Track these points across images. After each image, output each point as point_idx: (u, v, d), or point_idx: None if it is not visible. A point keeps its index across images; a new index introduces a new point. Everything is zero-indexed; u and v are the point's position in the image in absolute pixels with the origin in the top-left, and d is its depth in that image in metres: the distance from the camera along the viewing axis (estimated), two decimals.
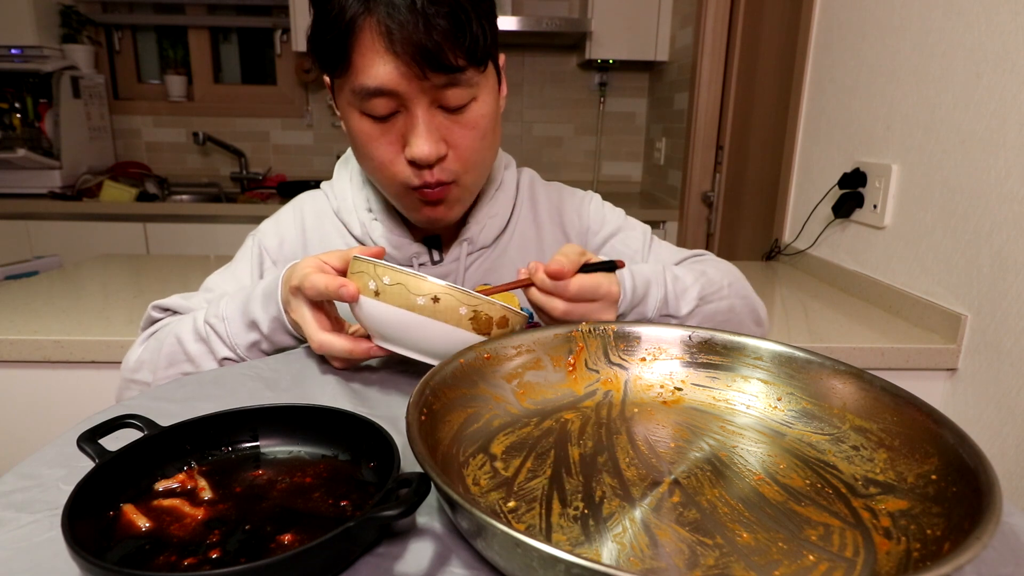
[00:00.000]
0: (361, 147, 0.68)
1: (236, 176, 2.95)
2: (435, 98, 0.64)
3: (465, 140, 0.68)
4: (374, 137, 0.66)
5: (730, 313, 0.77)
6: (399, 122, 0.65)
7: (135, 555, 0.35)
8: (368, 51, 0.61)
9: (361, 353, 0.59)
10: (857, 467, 0.45)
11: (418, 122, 0.64)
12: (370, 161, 0.69)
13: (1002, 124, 1.03)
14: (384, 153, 0.67)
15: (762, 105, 2.01)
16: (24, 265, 1.76)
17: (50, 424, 1.14)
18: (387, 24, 0.60)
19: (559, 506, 0.40)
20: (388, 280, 0.53)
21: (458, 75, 0.63)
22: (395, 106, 0.64)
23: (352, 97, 0.65)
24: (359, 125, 0.66)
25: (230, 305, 0.68)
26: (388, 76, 0.62)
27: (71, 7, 2.69)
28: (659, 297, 0.70)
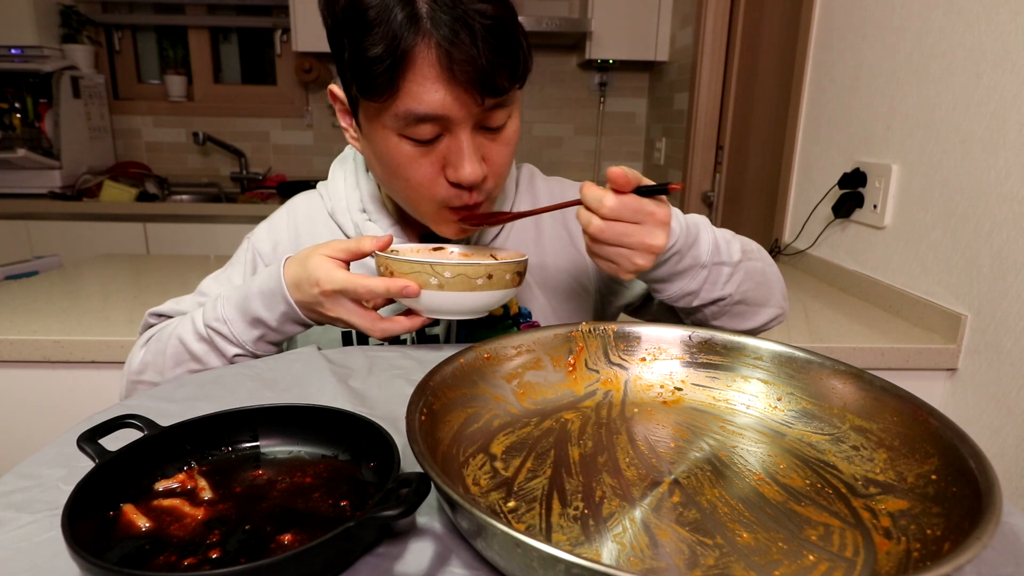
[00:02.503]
0: (396, 168, 0.66)
1: (236, 176, 2.95)
2: (479, 120, 0.64)
3: (500, 157, 0.67)
4: (414, 159, 0.65)
5: (763, 276, 0.75)
6: (441, 144, 0.64)
7: (135, 555, 0.35)
8: (422, 78, 0.59)
9: (418, 326, 0.65)
10: (857, 467, 0.45)
11: (464, 146, 0.63)
12: (405, 181, 0.67)
13: (1002, 124, 1.03)
14: (424, 174, 0.65)
15: (762, 105, 2.01)
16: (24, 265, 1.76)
17: (50, 424, 1.14)
18: (447, 50, 0.58)
19: (559, 506, 0.40)
20: (449, 274, 0.60)
21: (505, 97, 0.63)
22: (440, 130, 0.63)
23: (392, 121, 0.62)
24: (398, 147, 0.64)
25: (227, 307, 0.68)
26: (441, 103, 0.60)
27: (71, 7, 2.68)
28: (711, 240, 0.69)
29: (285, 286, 0.65)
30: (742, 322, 0.75)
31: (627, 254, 0.59)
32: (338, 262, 0.63)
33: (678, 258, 0.68)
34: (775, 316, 0.78)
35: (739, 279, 0.71)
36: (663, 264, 0.67)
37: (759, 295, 0.74)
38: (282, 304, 0.66)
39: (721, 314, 0.72)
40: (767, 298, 0.76)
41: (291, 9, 2.47)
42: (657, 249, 0.59)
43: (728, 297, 0.70)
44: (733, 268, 0.71)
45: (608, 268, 0.61)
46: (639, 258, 0.59)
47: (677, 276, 0.69)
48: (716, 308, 0.71)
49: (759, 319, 0.76)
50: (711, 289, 0.70)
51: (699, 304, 0.70)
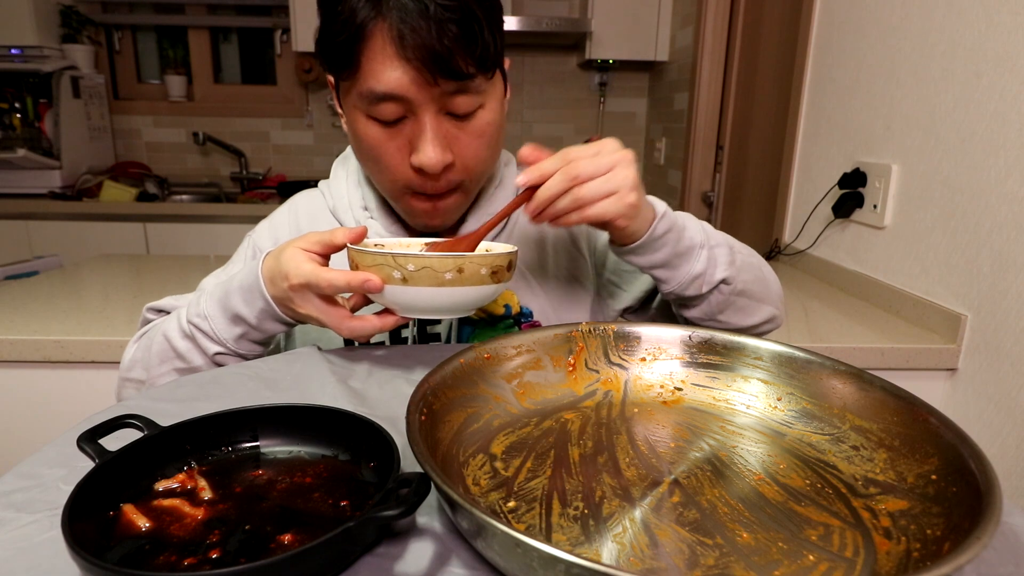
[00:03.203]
0: (366, 150, 0.68)
1: (236, 176, 2.95)
2: (443, 105, 0.64)
3: (471, 148, 0.67)
4: (381, 141, 0.66)
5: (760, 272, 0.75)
6: (406, 127, 0.65)
7: (135, 555, 0.35)
8: (378, 56, 0.61)
9: (390, 326, 0.61)
10: (857, 467, 0.45)
11: (426, 129, 0.64)
12: (374, 164, 0.69)
13: (1002, 124, 1.03)
14: (390, 158, 0.67)
15: (762, 105, 2.01)
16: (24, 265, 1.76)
17: (50, 424, 1.14)
18: (399, 29, 0.59)
19: (559, 506, 0.40)
20: (413, 267, 0.55)
21: (467, 82, 0.63)
22: (403, 111, 0.64)
23: (359, 101, 0.64)
24: (365, 128, 0.66)
25: (210, 303, 0.67)
26: (398, 82, 0.61)
27: (71, 7, 2.69)
28: (696, 224, 0.70)
29: (262, 281, 0.63)
30: (744, 317, 0.74)
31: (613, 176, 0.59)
32: (311, 255, 0.60)
33: (676, 235, 0.67)
34: (773, 316, 0.77)
35: (739, 264, 0.71)
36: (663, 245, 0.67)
37: (759, 289, 0.74)
38: (260, 300, 0.63)
39: (726, 306, 0.71)
40: (765, 293, 0.76)
41: (291, 9, 2.47)
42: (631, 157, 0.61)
43: (732, 280, 0.70)
44: (729, 249, 0.71)
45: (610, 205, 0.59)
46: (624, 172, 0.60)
47: (680, 259, 0.68)
48: (722, 297, 0.70)
49: (759, 315, 0.76)
50: (715, 269, 0.69)
51: (708, 290, 0.69)
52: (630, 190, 0.60)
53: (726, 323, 0.74)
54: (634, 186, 0.60)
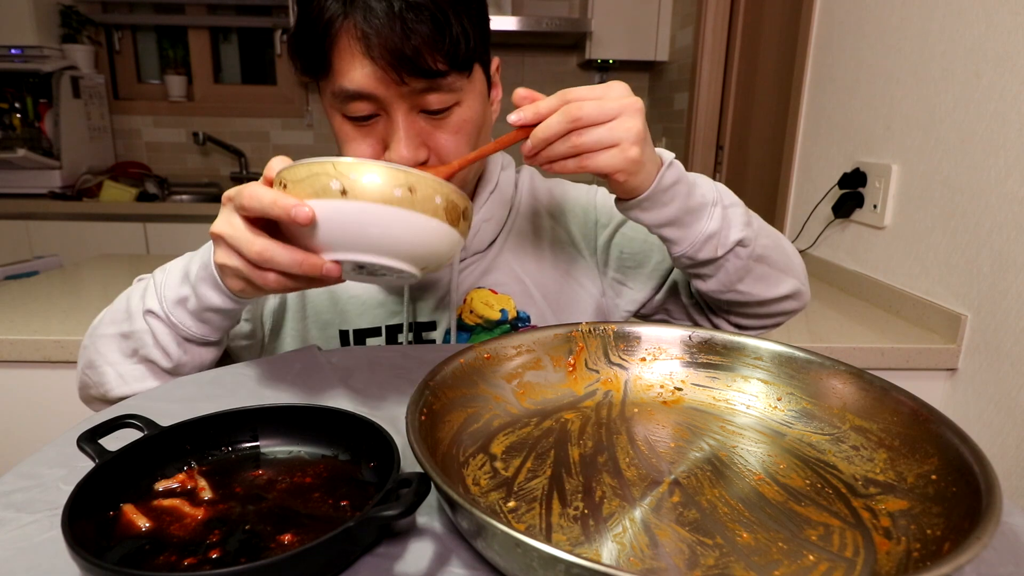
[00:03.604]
0: (342, 148, 0.68)
1: (236, 176, 2.95)
2: (415, 103, 0.63)
3: (448, 145, 0.66)
4: (354, 139, 0.66)
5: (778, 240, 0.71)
6: (379, 125, 0.65)
7: (135, 555, 0.35)
8: (346, 55, 0.61)
9: (311, 268, 0.48)
10: (857, 467, 0.45)
11: (397, 127, 0.63)
12: None
13: (1002, 124, 1.03)
14: (364, 155, 0.66)
15: (762, 105, 2.01)
16: (24, 265, 1.76)
17: (50, 424, 1.14)
18: (363, 29, 0.59)
19: (559, 506, 0.40)
20: (355, 175, 0.45)
21: (439, 80, 0.62)
22: (374, 109, 0.64)
23: (332, 100, 0.65)
24: (340, 127, 0.66)
25: (182, 258, 0.65)
26: (366, 80, 0.61)
27: (71, 7, 2.68)
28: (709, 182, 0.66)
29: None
30: (766, 288, 0.70)
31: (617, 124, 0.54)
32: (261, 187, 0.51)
33: (686, 188, 0.63)
34: (797, 290, 0.73)
35: (756, 226, 0.67)
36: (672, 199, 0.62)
37: (779, 257, 0.70)
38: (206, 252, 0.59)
39: (744, 273, 0.67)
40: (787, 263, 0.72)
41: (291, 9, 2.47)
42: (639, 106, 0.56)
43: (749, 243, 0.65)
44: (745, 210, 0.68)
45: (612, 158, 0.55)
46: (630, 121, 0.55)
47: (692, 216, 0.64)
48: (740, 263, 0.66)
49: (783, 286, 0.71)
50: (729, 229, 0.65)
51: (723, 252, 0.65)
52: (632, 143, 0.55)
53: (747, 295, 0.69)
54: (638, 139, 0.55)
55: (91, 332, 0.69)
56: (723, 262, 0.66)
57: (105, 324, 0.67)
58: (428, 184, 0.46)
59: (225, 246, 0.51)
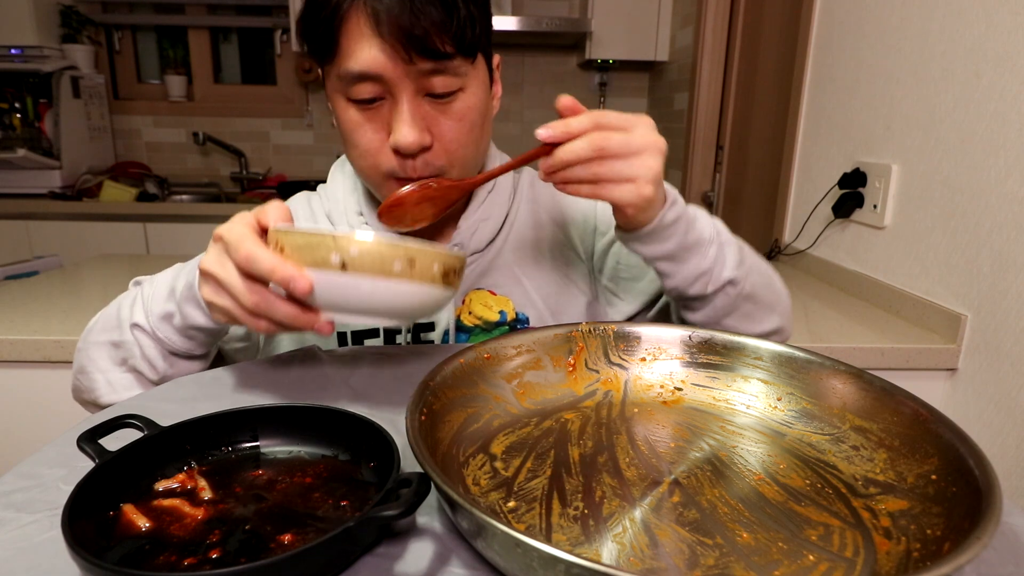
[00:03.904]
0: (347, 134, 0.68)
1: (236, 176, 2.95)
2: (421, 86, 0.64)
3: (451, 132, 0.66)
4: (359, 124, 0.66)
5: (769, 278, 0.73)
6: (384, 109, 0.65)
7: (135, 555, 0.35)
8: (355, 34, 0.61)
9: (305, 323, 0.49)
10: (857, 467, 0.45)
11: (403, 109, 0.63)
12: (354, 149, 0.68)
13: (1002, 124, 1.03)
14: (369, 141, 0.66)
15: (762, 105, 2.01)
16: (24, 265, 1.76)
17: (50, 424, 1.14)
18: (374, 7, 0.60)
19: (559, 506, 0.40)
20: (356, 251, 0.46)
21: (445, 62, 0.62)
22: (380, 91, 0.64)
23: (338, 83, 0.65)
24: (344, 111, 0.66)
25: (170, 271, 0.65)
26: (374, 60, 0.61)
27: (71, 7, 2.69)
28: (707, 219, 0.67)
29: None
30: (749, 324, 0.72)
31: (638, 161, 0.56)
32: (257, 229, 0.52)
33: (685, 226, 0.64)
34: (780, 327, 0.75)
35: (748, 265, 0.69)
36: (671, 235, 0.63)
37: (767, 296, 0.72)
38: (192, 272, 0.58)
39: (731, 310, 0.69)
40: (774, 301, 0.73)
41: (291, 9, 2.47)
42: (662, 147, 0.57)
43: (739, 282, 0.67)
44: (739, 249, 0.69)
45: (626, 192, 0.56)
46: (651, 160, 0.56)
47: (688, 252, 0.65)
48: (728, 300, 0.67)
49: (765, 324, 0.73)
50: (722, 268, 0.66)
51: (713, 290, 0.66)
52: (649, 181, 0.56)
53: (731, 328, 0.71)
54: (655, 178, 0.57)
55: (85, 336, 0.69)
56: (712, 298, 0.67)
57: (97, 330, 0.67)
58: (427, 256, 0.48)
59: (216, 285, 0.52)
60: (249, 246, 0.48)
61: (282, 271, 0.46)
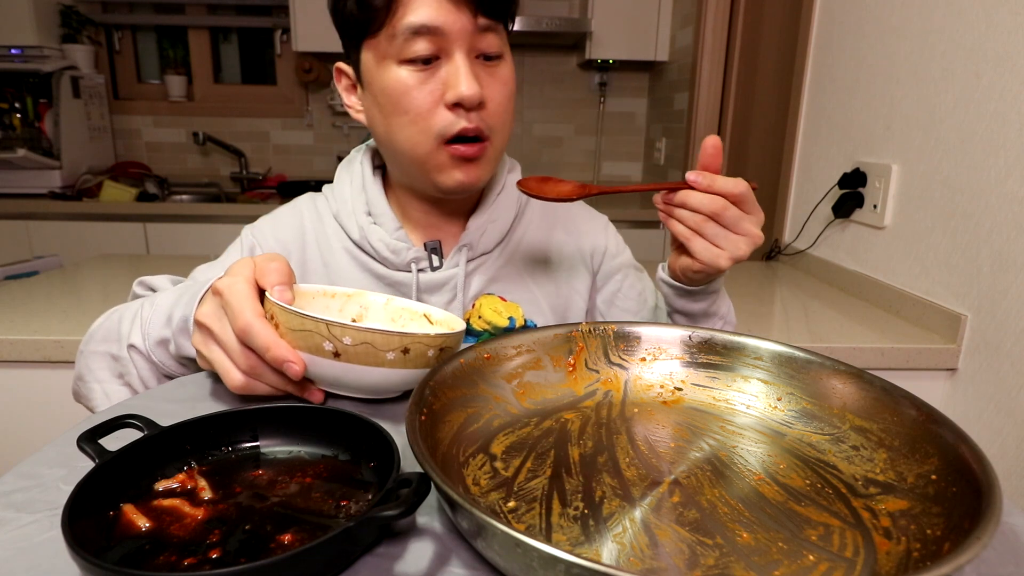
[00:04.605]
0: (396, 100, 0.67)
1: (236, 176, 2.95)
2: (473, 45, 0.66)
3: (498, 94, 0.69)
4: (412, 87, 0.66)
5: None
6: (439, 69, 0.66)
7: (135, 555, 0.35)
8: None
9: (295, 391, 0.53)
10: (857, 467, 0.45)
11: (462, 64, 0.65)
12: (404, 115, 0.67)
13: (1002, 124, 1.03)
14: (423, 103, 0.66)
15: (762, 105, 2.01)
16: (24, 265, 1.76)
17: (50, 424, 1.14)
18: None
19: (559, 506, 0.40)
20: (350, 341, 0.47)
21: (497, 23, 0.66)
22: (435, 49, 0.65)
23: (390, 45, 0.65)
24: (395, 76, 0.66)
25: (171, 295, 0.63)
26: (437, 12, 0.63)
27: (71, 7, 2.69)
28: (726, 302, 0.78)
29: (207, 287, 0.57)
30: None
31: (735, 240, 0.63)
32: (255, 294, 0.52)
33: (715, 297, 0.74)
34: None
35: None
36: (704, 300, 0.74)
37: None
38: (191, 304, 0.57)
39: None
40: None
41: (291, 9, 2.47)
42: (759, 242, 0.64)
43: None
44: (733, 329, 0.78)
45: (709, 255, 0.64)
46: (744, 246, 0.63)
47: (704, 318, 0.75)
48: None
49: None
50: None
51: None
52: (730, 258, 0.64)
53: None
54: (736, 259, 0.64)
55: (87, 340, 0.68)
56: None
57: (98, 339, 0.67)
58: (423, 343, 0.49)
59: (210, 338, 0.53)
60: (248, 317, 0.49)
61: (276, 351, 0.48)
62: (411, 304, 0.62)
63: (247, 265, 0.53)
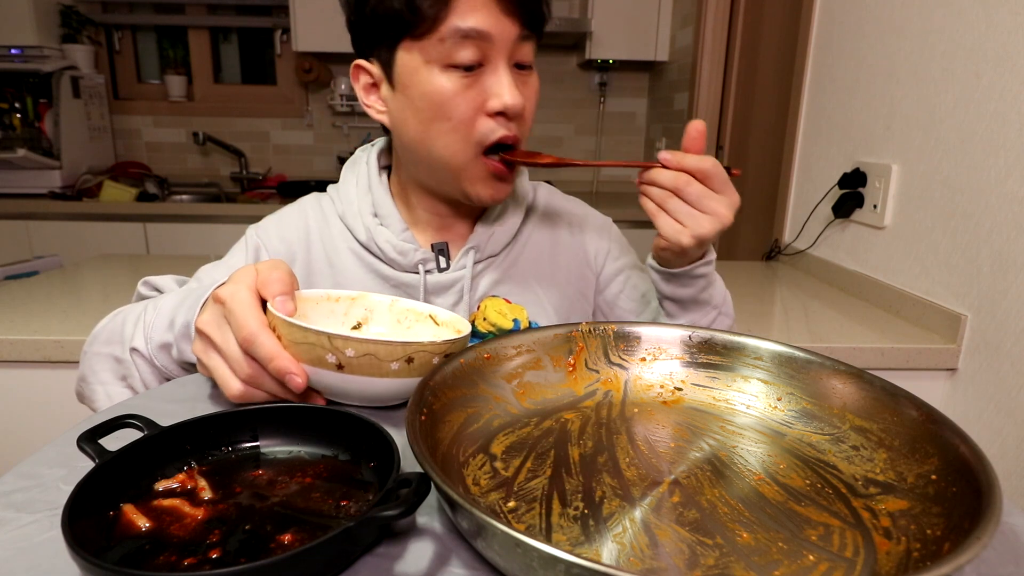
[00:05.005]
0: (440, 107, 0.67)
1: (236, 176, 2.95)
2: (513, 52, 0.67)
3: (530, 104, 0.70)
4: (457, 93, 0.66)
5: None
6: (481, 77, 0.67)
7: (135, 555, 0.35)
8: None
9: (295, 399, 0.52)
10: (857, 467, 0.45)
11: (505, 72, 0.67)
12: (446, 122, 0.67)
13: (1002, 124, 1.03)
14: (465, 110, 0.67)
15: (762, 105, 2.01)
16: (24, 265, 1.76)
17: (50, 424, 1.14)
18: None
19: (559, 506, 0.40)
20: (352, 353, 0.47)
21: (533, 33, 0.68)
22: (480, 56, 0.65)
23: (438, 50, 0.65)
24: (440, 82, 0.66)
25: (173, 298, 0.62)
26: (486, 18, 0.64)
27: (71, 7, 2.69)
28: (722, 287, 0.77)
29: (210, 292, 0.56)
30: None
31: (698, 217, 0.63)
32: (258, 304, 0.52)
33: (705, 284, 0.73)
34: None
35: None
36: (691, 285, 0.72)
37: None
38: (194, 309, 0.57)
39: None
40: None
41: (291, 9, 2.47)
42: (726, 223, 0.64)
43: None
44: (731, 323, 0.78)
45: (671, 230, 0.64)
46: (708, 224, 0.63)
47: (695, 305, 0.74)
48: None
49: None
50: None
51: None
52: (692, 235, 0.64)
53: None
54: (700, 237, 0.64)
55: (91, 341, 0.69)
56: None
57: (102, 340, 0.67)
58: (427, 351, 0.48)
59: (210, 346, 0.52)
60: (253, 328, 0.49)
61: (279, 363, 0.48)
62: (416, 305, 0.61)
63: (249, 273, 0.52)
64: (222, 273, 0.75)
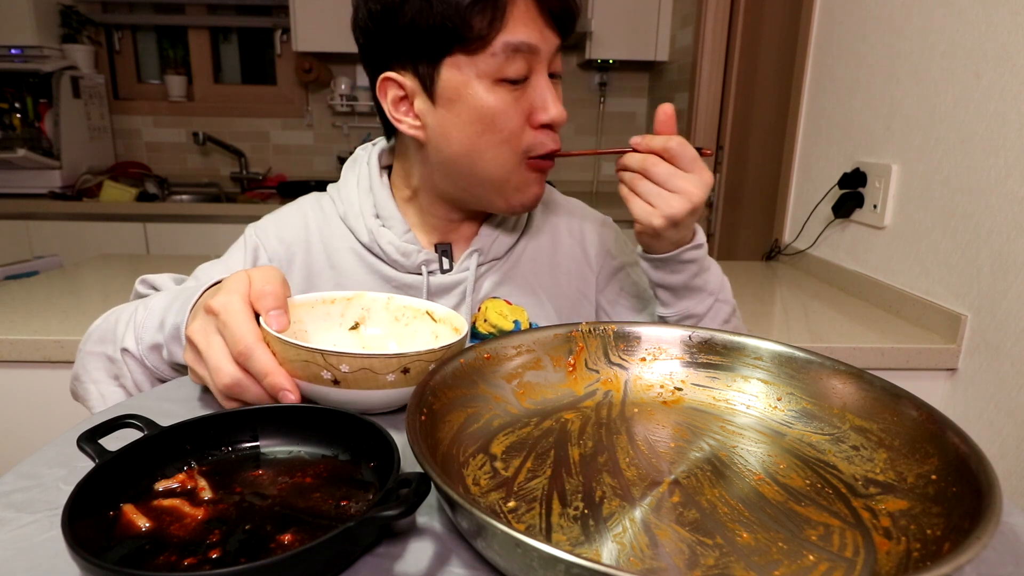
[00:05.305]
0: (492, 120, 0.67)
1: (236, 176, 2.95)
2: (550, 63, 0.69)
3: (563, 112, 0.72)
4: (509, 105, 0.67)
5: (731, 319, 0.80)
6: (527, 89, 0.68)
7: (135, 555, 0.35)
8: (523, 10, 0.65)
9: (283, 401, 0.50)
10: (857, 467, 0.45)
11: (546, 88, 0.68)
12: (497, 134, 0.68)
13: (1002, 124, 1.03)
14: (516, 123, 0.68)
15: (762, 105, 2.01)
16: (24, 265, 1.76)
17: (50, 424, 1.14)
18: None
19: (559, 506, 0.40)
20: (348, 368, 0.46)
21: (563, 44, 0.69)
22: (527, 69, 0.67)
23: (491, 64, 0.65)
24: (491, 97, 0.66)
25: (164, 299, 0.62)
26: (532, 30, 0.65)
27: (71, 7, 2.69)
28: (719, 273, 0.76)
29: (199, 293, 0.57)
30: None
31: (667, 197, 0.64)
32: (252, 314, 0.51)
33: (697, 269, 0.72)
34: None
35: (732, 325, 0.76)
36: (681, 271, 0.72)
37: None
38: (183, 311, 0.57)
39: None
40: None
41: (291, 9, 2.47)
42: (696, 201, 0.64)
43: None
44: (732, 310, 0.77)
45: (642, 212, 0.65)
46: (677, 203, 0.64)
47: (689, 292, 0.73)
48: None
49: None
50: (711, 322, 0.74)
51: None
52: (663, 216, 0.64)
53: None
54: (670, 217, 0.64)
55: (86, 340, 0.68)
56: None
57: (96, 339, 0.66)
58: (423, 360, 0.48)
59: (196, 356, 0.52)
60: (248, 342, 0.48)
61: (274, 379, 0.48)
62: (412, 301, 0.61)
63: (242, 282, 0.52)
64: (220, 272, 0.75)
